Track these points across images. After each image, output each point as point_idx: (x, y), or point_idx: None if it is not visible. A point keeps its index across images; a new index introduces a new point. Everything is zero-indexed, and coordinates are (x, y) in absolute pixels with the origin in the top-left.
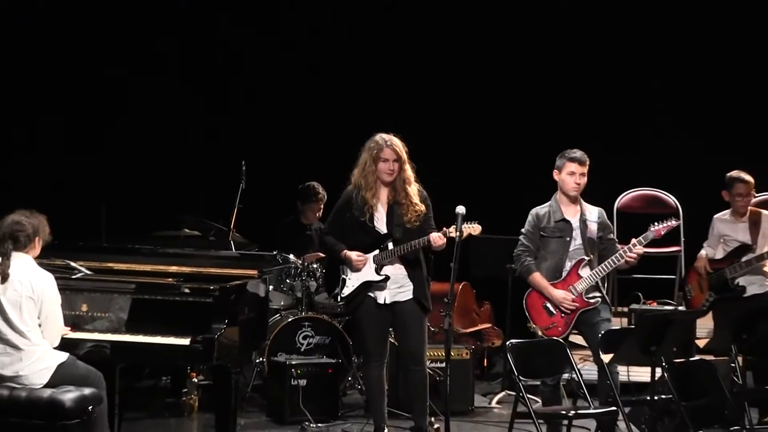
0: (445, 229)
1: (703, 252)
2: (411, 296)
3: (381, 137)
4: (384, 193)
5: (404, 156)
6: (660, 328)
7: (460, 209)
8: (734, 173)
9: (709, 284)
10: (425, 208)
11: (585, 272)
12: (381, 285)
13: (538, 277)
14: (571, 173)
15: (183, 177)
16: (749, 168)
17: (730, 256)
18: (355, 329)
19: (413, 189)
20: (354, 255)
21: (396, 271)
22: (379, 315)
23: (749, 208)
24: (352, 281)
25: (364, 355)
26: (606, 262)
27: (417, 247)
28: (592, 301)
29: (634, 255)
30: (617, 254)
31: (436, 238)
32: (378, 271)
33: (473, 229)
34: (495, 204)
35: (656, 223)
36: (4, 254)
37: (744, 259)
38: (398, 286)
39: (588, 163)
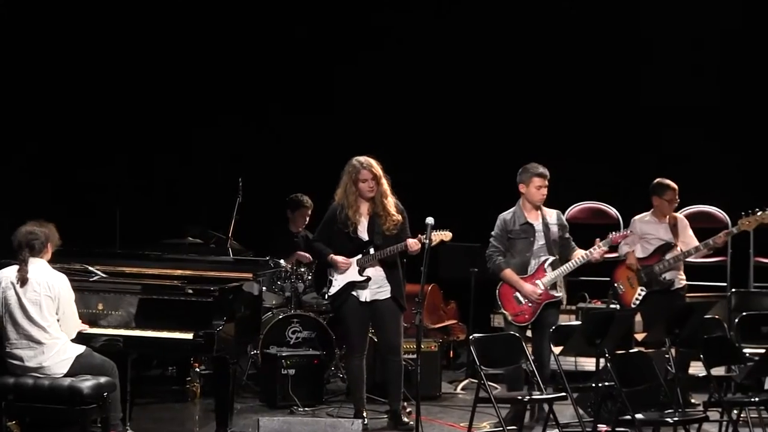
0: (420, 236)
1: (625, 248)
2: (389, 295)
3: (357, 161)
4: (365, 207)
5: (380, 173)
6: (604, 323)
7: (430, 220)
8: (662, 181)
9: (639, 280)
10: (401, 218)
11: (549, 269)
12: (363, 285)
13: (509, 273)
14: (538, 187)
15: (187, 192)
16: (672, 180)
17: (656, 254)
18: (339, 324)
19: (390, 201)
20: (340, 259)
21: (376, 273)
22: (361, 311)
23: None
24: (338, 281)
25: (347, 347)
26: (570, 262)
27: (395, 252)
28: (556, 294)
29: (597, 255)
30: (580, 256)
31: (412, 244)
32: (361, 272)
33: (445, 235)
34: (459, 215)
35: (614, 232)
36: (23, 260)
37: (668, 256)
38: (378, 286)
39: (548, 175)
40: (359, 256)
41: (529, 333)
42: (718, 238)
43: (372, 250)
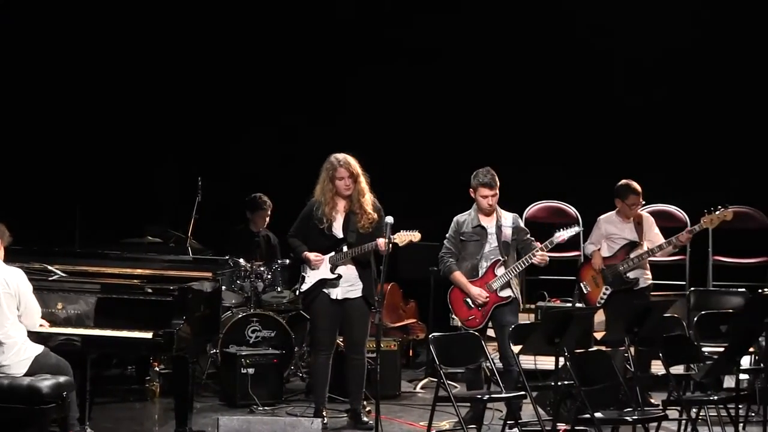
0: (390, 235)
1: (591, 248)
2: (360, 294)
3: (335, 158)
4: (341, 204)
5: (357, 171)
6: (563, 322)
7: (389, 219)
8: (626, 184)
9: (604, 279)
10: (377, 217)
11: (500, 271)
12: (334, 283)
13: (458, 276)
14: (484, 196)
15: (146, 191)
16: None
17: (621, 253)
18: (309, 321)
19: (367, 199)
20: (312, 255)
21: (348, 272)
22: (331, 309)
23: None
24: (311, 278)
25: (314, 344)
26: (517, 263)
27: (366, 250)
28: (504, 296)
29: (538, 258)
30: (526, 257)
31: (382, 243)
32: (333, 270)
33: (413, 236)
34: (418, 216)
35: (561, 230)
36: None
37: (633, 254)
38: (349, 285)
39: (497, 183)
40: (332, 253)
41: (491, 332)
42: (681, 236)
43: (345, 248)
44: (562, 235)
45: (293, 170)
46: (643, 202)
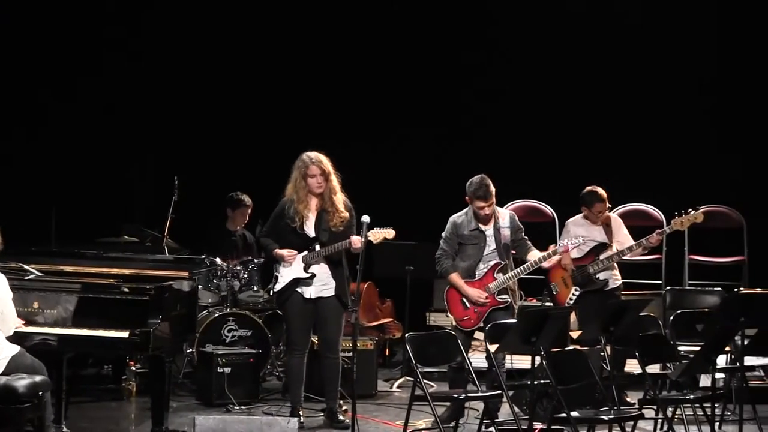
0: (366, 233)
1: (560, 248)
2: (333, 293)
3: (307, 156)
4: (313, 203)
5: (329, 169)
6: (539, 321)
7: (365, 218)
8: (591, 191)
9: (573, 280)
10: (349, 215)
11: (500, 275)
12: (308, 282)
13: (455, 277)
14: (480, 207)
15: (123, 190)
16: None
17: (591, 254)
18: (283, 321)
19: (339, 198)
20: (285, 252)
21: (321, 271)
22: (305, 309)
23: None
24: (284, 278)
25: (289, 344)
26: (519, 268)
27: (339, 248)
28: (502, 300)
29: (547, 265)
30: (532, 261)
31: (355, 241)
32: (306, 269)
33: (388, 233)
34: (394, 213)
35: (565, 240)
36: None
37: (603, 256)
38: (323, 284)
39: (493, 192)
40: (305, 252)
41: (478, 335)
42: (651, 237)
43: (317, 247)
44: (566, 244)
45: (270, 170)
46: (609, 206)
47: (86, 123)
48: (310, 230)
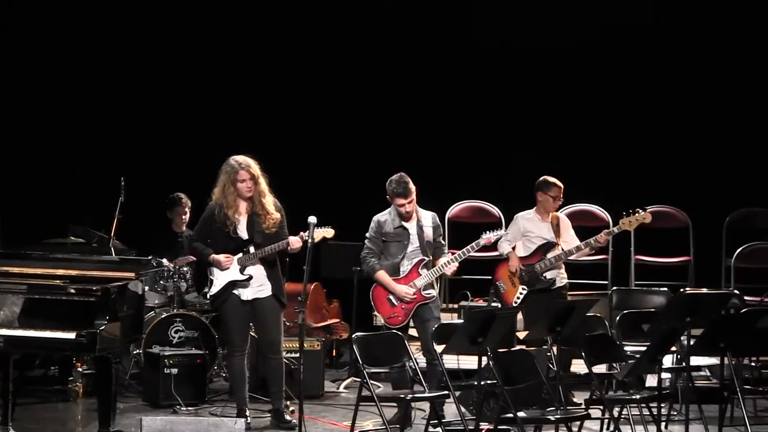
0: (302, 233)
1: (506, 246)
2: (270, 293)
3: (235, 160)
4: (243, 206)
5: (258, 173)
6: (486, 322)
7: (312, 219)
8: (548, 178)
9: (521, 280)
10: (280, 216)
11: (424, 271)
12: (245, 284)
13: (382, 275)
14: (400, 205)
15: (69, 191)
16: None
17: (538, 252)
18: (221, 323)
19: (268, 200)
20: (222, 257)
21: (257, 272)
22: (242, 310)
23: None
24: (219, 281)
25: (229, 346)
26: (435, 269)
27: (276, 249)
28: (428, 295)
29: (449, 271)
30: (440, 265)
31: (294, 242)
32: (242, 271)
33: (327, 232)
34: (341, 214)
35: (487, 232)
36: None
37: (550, 255)
38: (259, 285)
39: (412, 189)
40: (240, 255)
41: (412, 332)
42: (599, 237)
43: (252, 249)
44: (489, 237)
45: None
46: (563, 199)
47: (31, 124)
48: (243, 233)
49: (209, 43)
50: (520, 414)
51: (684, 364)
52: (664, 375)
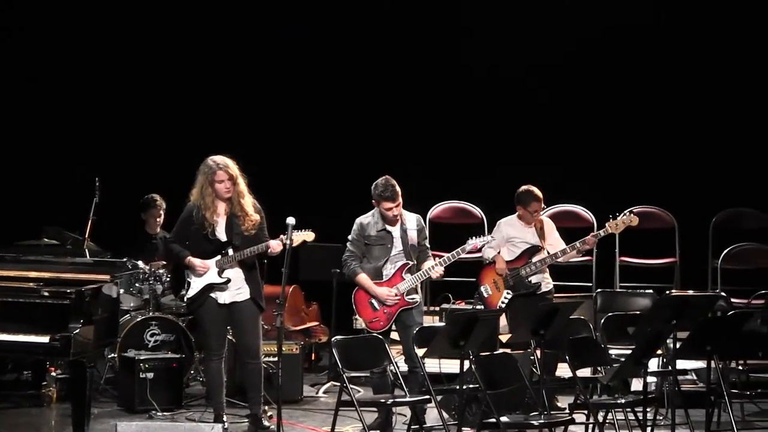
0: (282, 236)
1: (491, 252)
2: (248, 297)
3: (213, 161)
4: (222, 207)
5: (236, 173)
6: (468, 325)
7: (290, 220)
8: (527, 190)
9: (505, 283)
10: (260, 218)
11: (408, 275)
12: (222, 287)
13: (363, 278)
14: (387, 209)
15: (43, 192)
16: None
17: (523, 256)
18: (197, 327)
19: (247, 201)
20: (198, 262)
21: (235, 275)
22: (219, 314)
23: None
24: (197, 284)
25: (206, 350)
26: (420, 273)
27: (255, 252)
28: (411, 300)
29: (435, 274)
30: (426, 269)
31: (275, 245)
32: (220, 274)
33: (307, 235)
34: (320, 216)
35: (473, 238)
36: None
37: (536, 259)
38: (237, 288)
39: (399, 192)
40: (218, 257)
41: (394, 335)
42: (587, 240)
43: (231, 251)
44: (475, 243)
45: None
46: (544, 206)
47: (4, 123)
48: (221, 235)
49: (186, 43)
50: (503, 419)
51: (670, 367)
52: (650, 379)
